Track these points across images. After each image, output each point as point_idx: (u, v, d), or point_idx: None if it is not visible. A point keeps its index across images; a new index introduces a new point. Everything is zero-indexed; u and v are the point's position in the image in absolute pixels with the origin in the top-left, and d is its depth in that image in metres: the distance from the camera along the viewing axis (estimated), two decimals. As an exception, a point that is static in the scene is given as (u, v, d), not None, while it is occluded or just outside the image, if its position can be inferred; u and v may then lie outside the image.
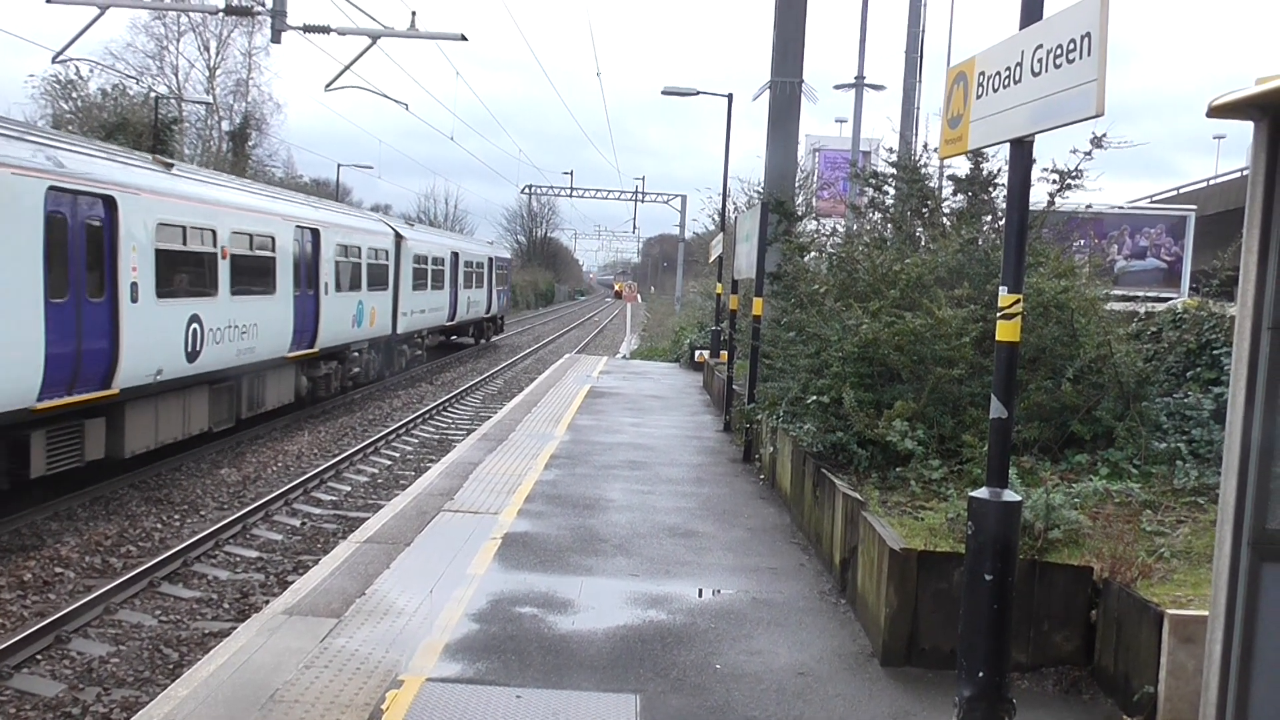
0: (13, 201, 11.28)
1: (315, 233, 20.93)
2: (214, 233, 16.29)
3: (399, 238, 28.17)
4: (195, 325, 15.55)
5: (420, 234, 32.95)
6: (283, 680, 6.23)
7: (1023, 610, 6.39)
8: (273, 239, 18.60)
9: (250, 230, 17.63)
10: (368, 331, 25.09)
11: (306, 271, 20.51)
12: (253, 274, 17.75)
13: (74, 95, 42.70)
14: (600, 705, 6.08)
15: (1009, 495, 5.50)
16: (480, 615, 7.53)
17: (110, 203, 13.26)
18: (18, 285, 11.39)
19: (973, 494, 5.58)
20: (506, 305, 50.48)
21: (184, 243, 15.35)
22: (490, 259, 43.63)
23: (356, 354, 24.80)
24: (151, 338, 14.22)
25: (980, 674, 5.45)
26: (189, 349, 15.38)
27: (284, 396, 19.95)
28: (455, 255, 35.77)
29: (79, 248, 12.69)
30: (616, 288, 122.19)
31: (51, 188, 11.97)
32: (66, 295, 12.38)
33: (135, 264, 13.79)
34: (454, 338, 39.41)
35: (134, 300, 13.75)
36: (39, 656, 8.51)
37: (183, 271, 15.38)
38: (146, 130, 37.52)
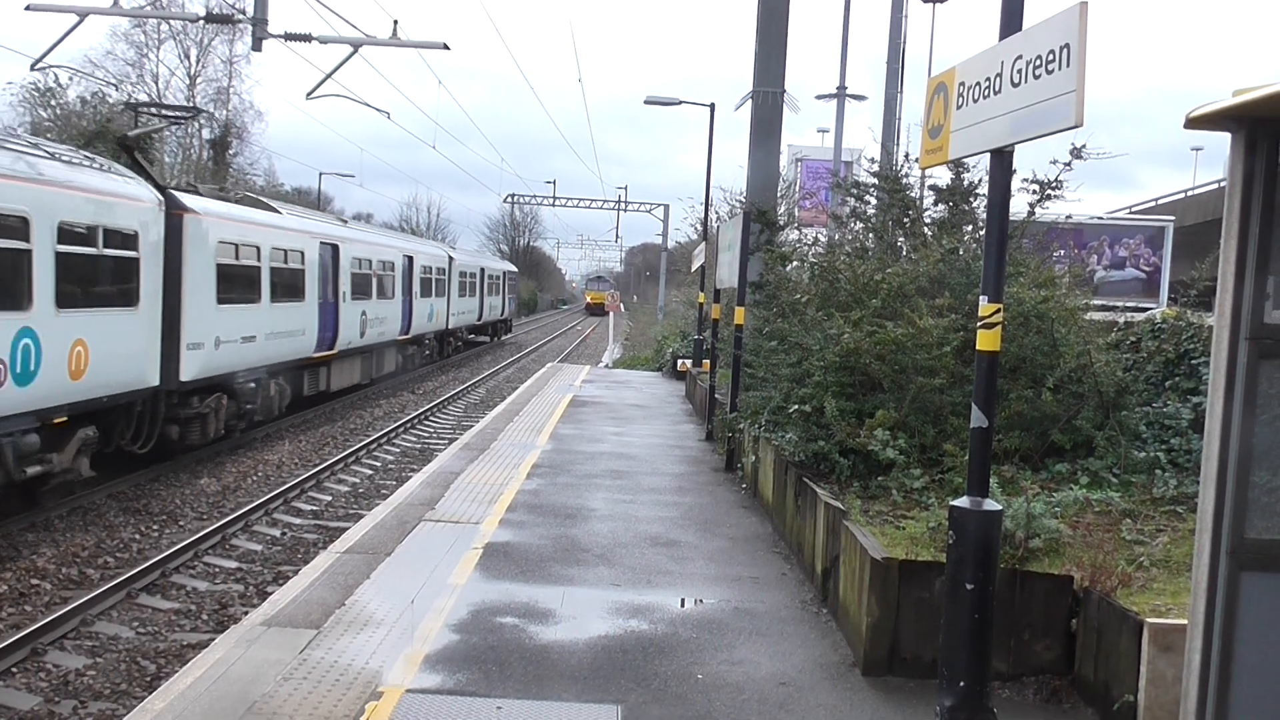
0: (311, 251, 21.59)
1: (411, 259, 31.38)
2: (371, 261, 26.59)
3: (450, 258, 38.53)
4: (364, 316, 25.54)
5: (462, 255, 44.10)
6: (261, 692, 6.18)
7: (1003, 619, 6.40)
8: (394, 264, 29.10)
9: (385, 259, 28.18)
10: (434, 326, 35.41)
11: (407, 284, 30.56)
12: (385, 286, 27.99)
13: (53, 103, 42.40)
14: (581, 716, 6.06)
15: (990, 504, 5.51)
16: (461, 626, 7.49)
17: (335, 248, 23.51)
18: (310, 293, 21.52)
19: (953, 503, 5.59)
20: (514, 310, 63.26)
21: (360, 268, 25.40)
22: (504, 273, 54.23)
23: (427, 341, 35.09)
24: (349, 324, 24.28)
25: (961, 683, 5.45)
26: (361, 331, 25.37)
27: (390, 367, 29.66)
28: (482, 270, 46.14)
29: (327, 272, 22.84)
30: (589, 299, 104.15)
31: (321, 242, 22.42)
32: (321, 299, 22.23)
33: (345, 281, 24.00)
34: (472, 335, 47.08)
35: (344, 301, 23.86)
36: (15, 669, 8.42)
37: (361, 284, 25.44)
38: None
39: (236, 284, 17.54)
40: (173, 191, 15.93)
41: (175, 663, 8.61)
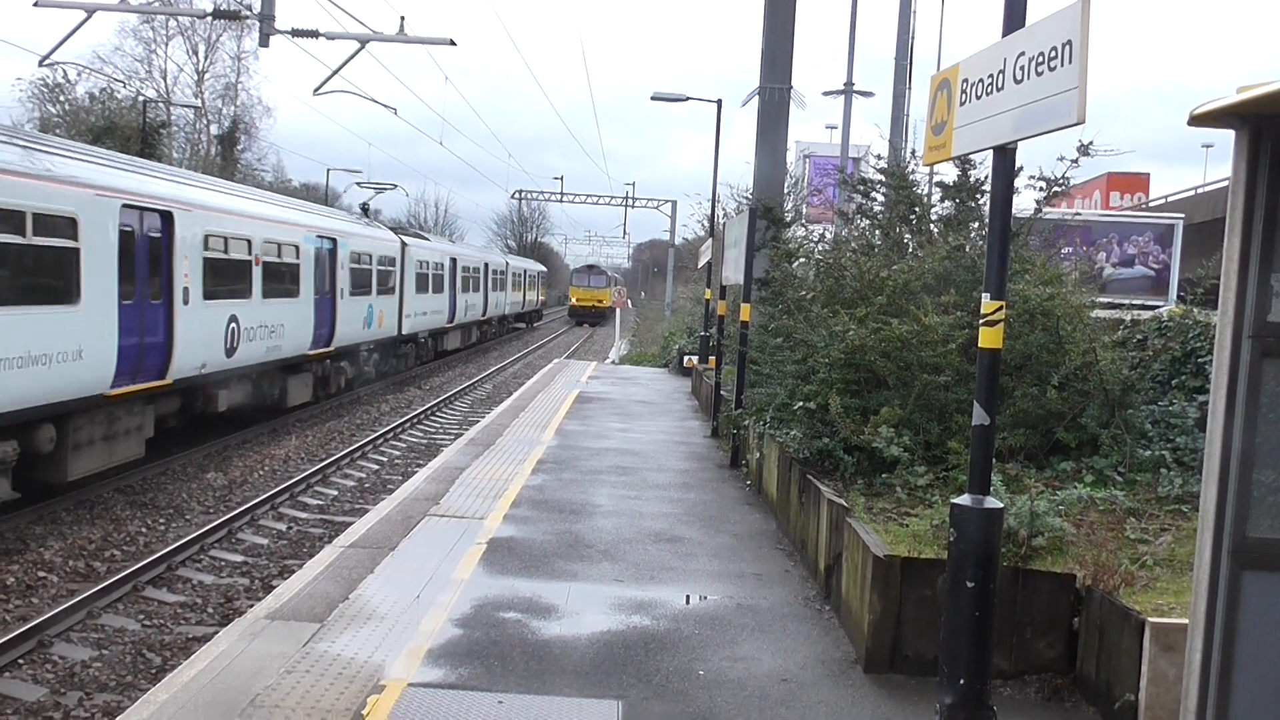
0: (446, 262, 36.14)
1: (486, 264, 45.26)
2: (470, 267, 40.27)
3: (507, 263, 53.48)
4: (466, 302, 39.31)
5: (513, 260, 58.77)
6: (263, 685, 6.20)
7: (1006, 617, 6.40)
8: (478, 268, 42.66)
9: (475, 265, 42.09)
10: (498, 311, 49.77)
11: (485, 281, 44.08)
12: (474, 285, 41.43)
13: (61, 99, 42.60)
14: (582, 711, 6.07)
15: (991, 502, 5.50)
16: (464, 620, 7.51)
17: (455, 260, 37.33)
18: (446, 288, 35.56)
19: (955, 501, 5.58)
20: (544, 301, 78.74)
21: (465, 272, 38.71)
22: (538, 272, 69.81)
23: (494, 321, 49.11)
24: (460, 307, 37.88)
25: (962, 681, 5.45)
26: (465, 313, 39.13)
27: (474, 338, 43.46)
28: (525, 270, 61.21)
29: (453, 274, 36.56)
30: (575, 300, 78.84)
31: (450, 257, 36.99)
32: (450, 292, 36.14)
33: (459, 280, 37.26)
34: (516, 322, 60.70)
35: (458, 293, 37.33)
36: (21, 661, 8.46)
37: (465, 282, 39.04)
38: (134, 134, 37.41)
39: (422, 282, 31.49)
40: (400, 234, 30.14)
41: (180, 655, 8.64)
